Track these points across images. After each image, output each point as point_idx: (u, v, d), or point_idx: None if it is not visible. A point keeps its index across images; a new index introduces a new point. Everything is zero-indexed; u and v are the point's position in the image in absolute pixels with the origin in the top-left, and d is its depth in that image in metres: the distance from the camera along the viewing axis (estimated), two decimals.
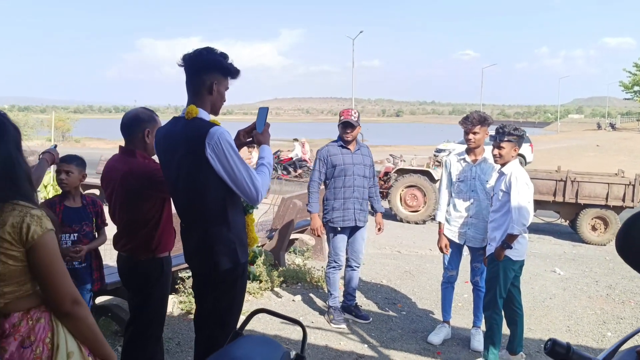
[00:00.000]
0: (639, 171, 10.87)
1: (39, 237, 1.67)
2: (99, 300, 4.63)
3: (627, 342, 2.00)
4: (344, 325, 4.85)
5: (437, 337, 4.62)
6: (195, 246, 2.67)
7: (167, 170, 2.71)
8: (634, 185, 9.66)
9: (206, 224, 2.60)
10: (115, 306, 4.45)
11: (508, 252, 3.92)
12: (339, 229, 4.83)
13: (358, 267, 5.03)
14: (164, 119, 2.95)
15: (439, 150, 20.98)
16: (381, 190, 12.00)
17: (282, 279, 5.85)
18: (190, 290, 4.85)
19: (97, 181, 8.29)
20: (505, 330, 4.15)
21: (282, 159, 18.51)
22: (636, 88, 54.87)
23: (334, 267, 4.95)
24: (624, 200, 9.72)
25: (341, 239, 4.90)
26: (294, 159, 18.56)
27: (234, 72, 2.67)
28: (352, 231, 4.92)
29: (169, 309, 4.86)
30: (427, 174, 11.41)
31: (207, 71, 2.58)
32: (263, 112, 2.84)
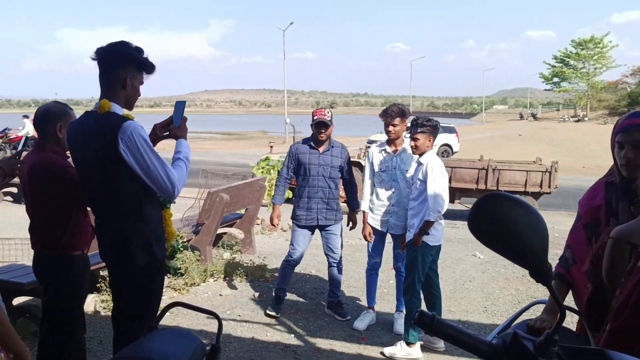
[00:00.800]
0: (556, 159, 11.50)
1: None
2: (17, 301, 4.46)
3: (521, 317, 2.15)
4: (273, 313, 4.90)
5: (362, 323, 4.75)
6: (111, 242, 2.63)
7: (79, 166, 2.67)
8: (550, 172, 10.23)
9: (121, 219, 2.58)
10: (34, 307, 4.29)
11: (425, 238, 4.09)
12: (302, 225, 4.92)
13: (335, 262, 5.02)
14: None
15: (371, 142, 21.28)
16: None
17: (209, 273, 5.82)
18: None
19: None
20: None
21: (10, 137, 17.52)
22: (555, 79, 57.70)
23: (287, 261, 5.03)
24: (541, 186, 10.30)
25: (300, 235, 4.95)
26: (26, 137, 17.19)
27: (149, 67, 2.64)
28: (322, 229, 4.97)
29: (91, 308, 4.74)
30: (358, 165, 11.59)
31: (121, 65, 2.55)
32: (180, 105, 2.83)
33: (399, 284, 4.72)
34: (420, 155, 4.17)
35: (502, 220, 1.08)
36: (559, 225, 10.25)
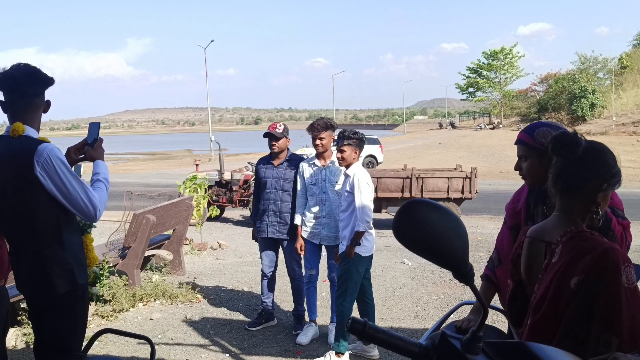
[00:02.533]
0: (475, 165, 12.00)
1: None
2: None
3: (450, 318, 2.24)
4: (251, 328, 5.03)
5: (305, 337, 4.75)
6: (27, 271, 2.51)
7: None
8: (470, 178, 10.65)
9: (38, 247, 2.48)
10: None
11: (358, 249, 4.15)
12: (262, 238, 4.99)
13: (294, 278, 5.03)
14: None
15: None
16: (241, 198, 12.02)
17: (138, 298, 5.64)
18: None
19: None
20: None
21: None
22: (471, 89, 60.43)
23: (262, 274, 5.13)
24: (462, 192, 10.69)
25: (262, 248, 5.06)
26: None
27: (52, 84, 2.59)
28: (279, 243, 4.99)
29: (12, 343, 4.49)
30: None
31: (41, 89, 2.52)
32: (94, 127, 2.79)
33: (333, 295, 4.76)
34: (347, 167, 4.26)
35: (422, 225, 1.14)
36: (481, 229, 10.70)
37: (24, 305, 4.63)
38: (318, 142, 4.59)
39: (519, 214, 2.30)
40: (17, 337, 4.57)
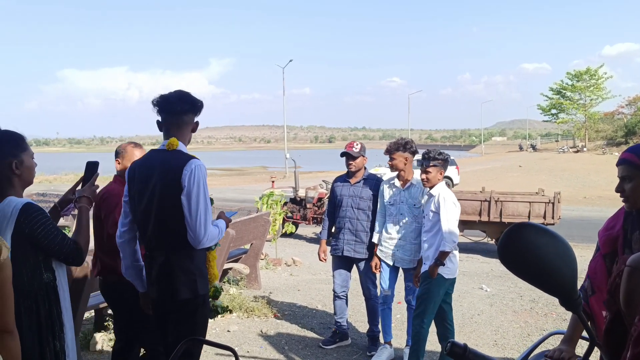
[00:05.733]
0: (558, 189, 11.52)
1: (6, 258, 1.73)
2: None
3: (539, 347, 2.15)
4: (325, 346, 5.03)
5: (379, 358, 4.70)
6: (157, 274, 2.73)
7: (137, 198, 2.76)
8: (553, 203, 10.20)
9: (170, 253, 2.69)
10: None
11: (441, 270, 4.06)
12: (337, 257, 5.00)
13: (369, 298, 5.00)
14: (90, 151, 2.93)
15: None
16: (315, 215, 12.12)
17: (216, 310, 5.78)
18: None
19: None
20: (437, 346, 4.27)
21: None
22: (553, 111, 58.18)
23: (334, 293, 5.10)
24: (545, 217, 10.24)
25: (335, 267, 5.07)
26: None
27: (199, 105, 2.86)
28: (355, 262, 4.98)
29: (99, 347, 4.71)
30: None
31: (189, 107, 2.80)
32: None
33: (410, 317, 4.69)
34: (431, 187, 4.20)
35: (530, 249, 1.10)
36: None
37: (110, 311, 4.86)
38: (389, 162, 4.63)
39: (614, 241, 2.17)
40: (104, 342, 4.79)
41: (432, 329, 4.27)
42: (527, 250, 1.11)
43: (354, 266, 5.02)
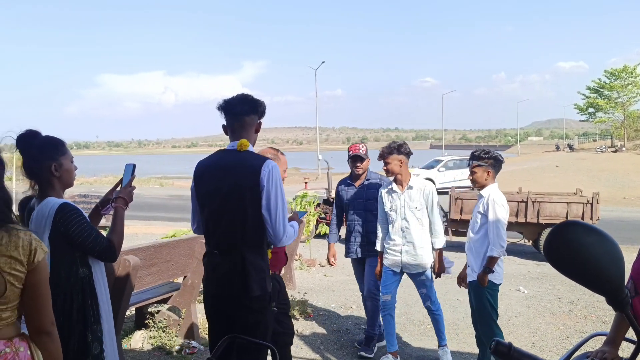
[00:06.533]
0: (596, 190, 11.27)
1: (43, 259, 1.76)
2: None
3: (581, 349, 2.12)
4: (362, 353, 4.81)
5: None
6: (227, 272, 2.74)
7: (206, 198, 2.82)
8: (591, 204, 10.00)
9: (244, 251, 2.72)
10: None
11: (490, 277, 3.90)
12: (354, 260, 5.10)
13: (372, 297, 4.91)
14: (128, 154, 2.98)
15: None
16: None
17: None
18: (160, 325, 4.84)
19: None
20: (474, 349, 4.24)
21: None
22: (591, 110, 56.82)
23: (362, 297, 5.15)
24: (583, 218, 10.04)
25: (355, 269, 5.18)
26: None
27: (261, 107, 2.94)
28: (365, 262, 5.00)
29: (139, 345, 4.81)
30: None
31: (249, 108, 2.86)
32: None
33: (434, 321, 4.62)
34: (481, 188, 4.07)
35: (577, 247, 1.10)
36: None
37: (151, 309, 4.96)
38: (384, 167, 4.58)
39: None
40: (144, 340, 4.89)
41: (463, 330, 4.24)
42: (574, 248, 1.10)
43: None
